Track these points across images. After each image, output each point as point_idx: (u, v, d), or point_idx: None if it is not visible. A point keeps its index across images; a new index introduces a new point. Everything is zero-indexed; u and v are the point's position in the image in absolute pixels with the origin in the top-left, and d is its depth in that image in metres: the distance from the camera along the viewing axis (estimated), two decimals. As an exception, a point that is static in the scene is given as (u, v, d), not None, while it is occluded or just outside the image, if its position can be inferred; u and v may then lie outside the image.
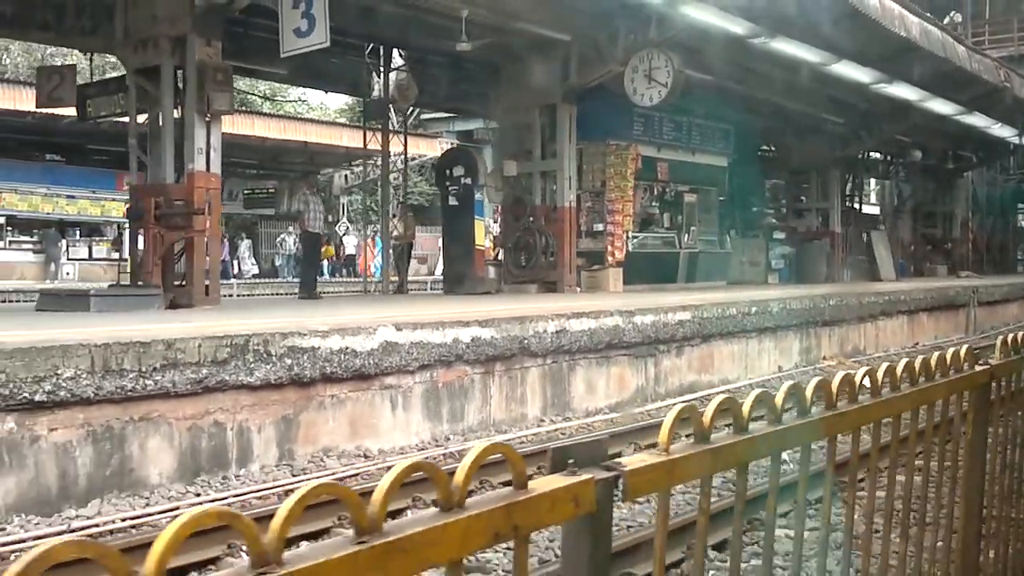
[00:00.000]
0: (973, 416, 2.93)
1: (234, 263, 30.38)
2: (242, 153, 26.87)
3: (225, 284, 16.71)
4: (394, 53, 16.12)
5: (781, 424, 1.84)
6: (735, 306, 12.05)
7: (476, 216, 16.47)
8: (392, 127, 17.16)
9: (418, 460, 1.17)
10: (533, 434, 8.41)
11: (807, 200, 24.08)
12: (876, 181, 33.00)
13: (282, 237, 32.57)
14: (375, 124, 17.40)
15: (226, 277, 21.38)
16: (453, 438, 8.13)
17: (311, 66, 13.98)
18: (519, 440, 8.09)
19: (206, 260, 10.55)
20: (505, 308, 9.88)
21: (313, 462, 7.00)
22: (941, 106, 20.55)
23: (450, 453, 7.52)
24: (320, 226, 15.15)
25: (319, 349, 7.01)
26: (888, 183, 31.19)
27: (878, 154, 27.52)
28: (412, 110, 18.48)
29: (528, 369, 9.00)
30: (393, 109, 16.65)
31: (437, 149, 28.19)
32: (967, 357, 2.75)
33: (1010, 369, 3.10)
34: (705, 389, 11.11)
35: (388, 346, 7.50)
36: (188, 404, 6.29)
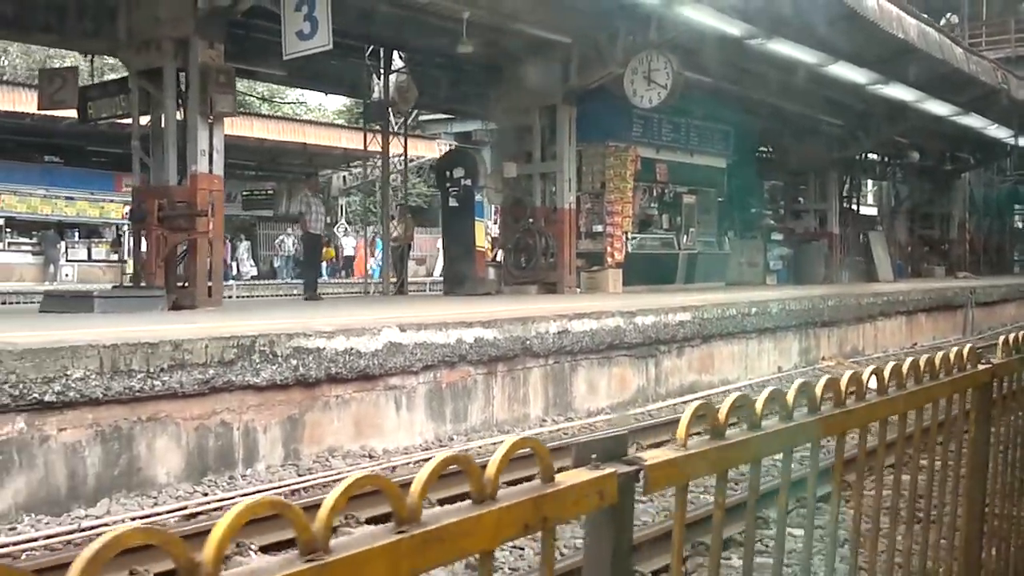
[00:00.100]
0: (975, 415, 2.98)
1: (233, 264, 30.41)
2: (240, 155, 26.89)
3: (224, 285, 16.73)
4: (394, 55, 16.16)
5: (792, 421, 1.90)
6: (735, 307, 12.12)
7: (476, 217, 16.52)
8: (392, 129, 17.20)
9: (454, 453, 1.23)
10: (536, 434, 8.46)
11: (805, 201, 24.15)
12: (873, 182, 33.08)
13: (281, 239, 32.59)
14: (375, 126, 17.44)
15: (225, 278, 21.38)
16: (456, 438, 8.19)
17: (311, 68, 14.02)
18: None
19: (208, 262, 10.58)
20: (506, 309, 9.94)
21: (318, 462, 7.05)
22: (938, 107, 20.63)
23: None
24: (321, 228, 15.19)
25: (324, 350, 7.07)
26: (885, 184, 31.27)
27: (875, 155, 27.60)
28: (411, 111, 18.52)
29: (530, 369, 9.06)
30: (393, 111, 16.69)
31: (436, 150, 28.24)
32: (970, 356, 2.81)
33: (1011, 368, 3.15)
34: (705, 389, 11.17)
35: (392, 347, 7.55)
36: (195, 404, 6.34)
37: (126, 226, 29.07)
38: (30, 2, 11.61)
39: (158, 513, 5.81)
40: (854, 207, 26.74)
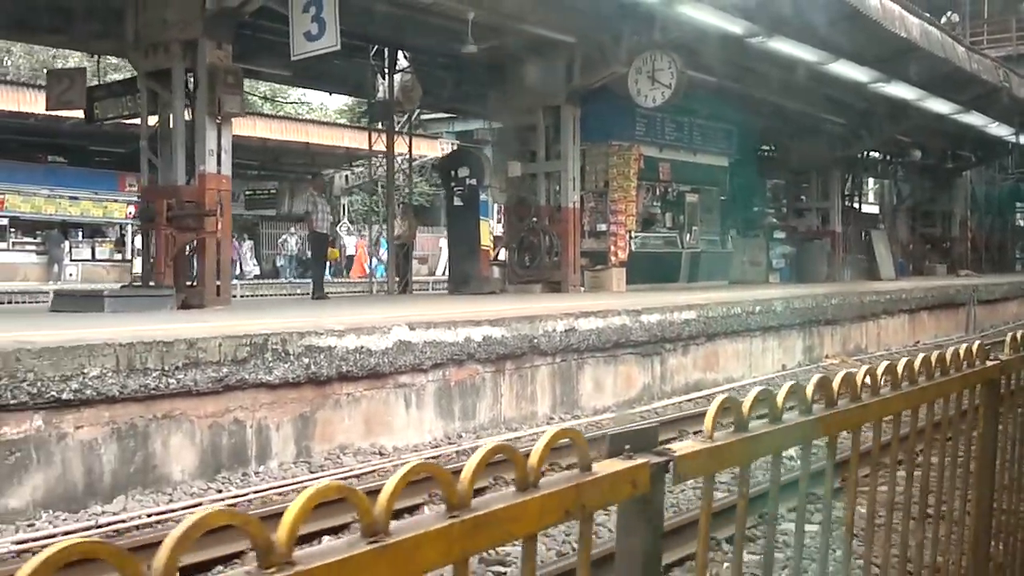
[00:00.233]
0: (984, 410, 3.05)
1: (236, 264, 30.46)
2: (243, 154, 26.88)
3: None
4: (398, 55, 16.20)
5: (811, 415, 1.97)
6: (739, 305, 12.18)
7: (481, 216, 16.59)
8: (395, 128, 17.25)
9: (500, 443, 1.30)
10: (542, 432, 8.53)
11: (807, 200, 24.19)
12: (875, 180, 33.13)
13: (284, 238, 32.64)
14: (379, 125, 17.46)
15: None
16: (465, 436, 8.26)
17: (316, 68, 14.06)
18: (531, 437, 8.21)
19: (217, 261, 10.64)
20: (513, 308, 10.00)
21: (330, 459, 7.12)
22: (940, 105, 20.66)
23: (463, 450, 7.64)
24: (328, 227, 15.26)
25: (335, 348, 7.14)
26: (887, 182, 31.32)
27: (877, 154, 27.64)
28: (415, 111, 18.56)
29: (538, 368, 9.13)
30: (396, 110, 16.74)
31: (437, 150, 28.27)
32: (978, 353, 2.88)
33: (1019, 365, 3.22)
34: (710, 387, 11.24)
35: (402, 345, 7.62)
36: (209, 402, 6.41)
37: (130, 226, 29.18)
38: (38, 4, 11.68)
39: (173, 510, 5.87)
40: (856, 205, 26.79)
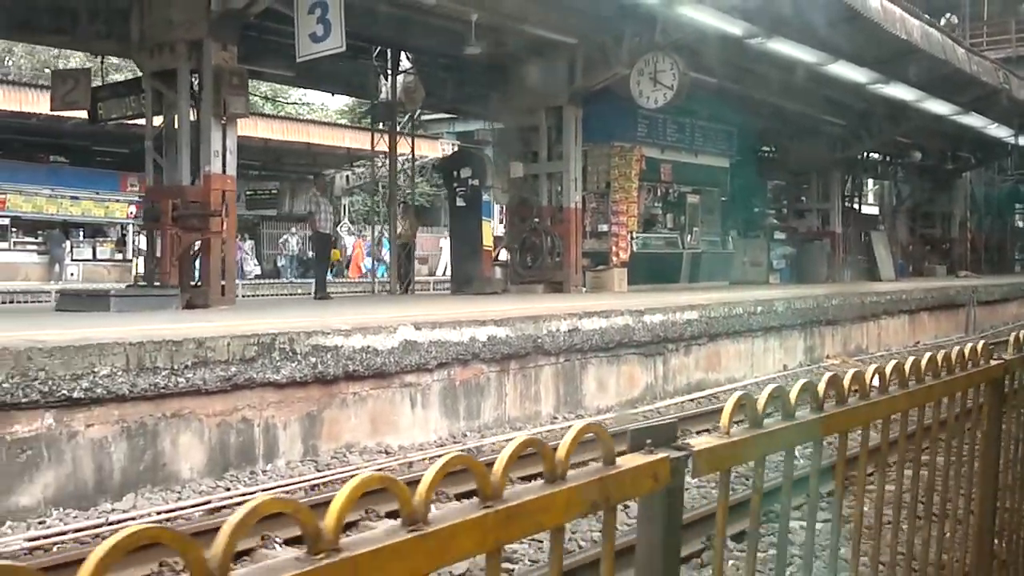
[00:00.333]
0: (987, 409, 3.11)
1: (238, 264, 30.48)
2: (244, 154, 26.78)
3: (232, 284, 16.85)
4: (401, 56, 16.26)
5: (822, 412, 2.03)
6: (741, 305, 12.24)
7: (483, 217, 16.64)
8: (398, 128, 17.31)
9: (530, 437, 1.35)
10: (548, 431, 8.58)
11: (808, 201, 24.26)
12: (875, 181, 33.20)
13: (285, 238, 32.69)
14: (381, 125, 17.51)
15: (232, 278, 21.45)
16: (470, 434, 8.31)
17: (319, 69, 14.10)
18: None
19: (222, 261, 10.69)
20: (517, 308, 10.05)
21: (336, 458, 7.17)
22: (939, 107, 20.71)
23: (468, 449, 7.69)
24: (331, 227, 15.30)
25: (342, 348, 7.19)
26: (887, 183, 31.40)
27: (877, 155, 27.70)
28: (417, 112, 18.61)
29: (542, 367, 9.18)
30: (399, 111, 16.80)
31: (438, 150, 28.33)
32: (983, 352, 2.94)
33: (1022, 365, 3.28)
34: (712, 387, 11.30)
35: (408, 345, 7.68)
36: (218, 401, 6.46)
37: (131, 226, 29.22)
38: (43, 5, 11.73)
39: (182, 507, 5.93)
40: (856, 206, 26.86)
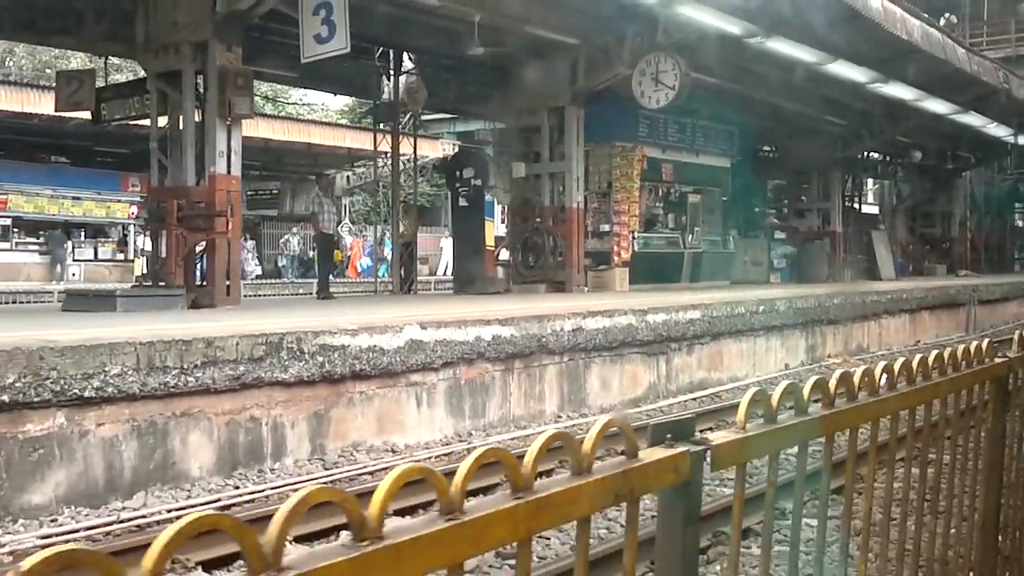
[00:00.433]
0: (992, 406, 3.17)
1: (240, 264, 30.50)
2: (245, 154, 26.74)
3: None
4: (404, 56, 16.30)
5: (833, 408, 2.09)
6: (743, 305, 12.30)
7: (486, 217, 16.70)
8: (400, 129, 17.36)
9: (558, 431, 1.41)
10: (557, 428, 8.63)
11: (808, 200, 24.31)
12: (875, 181, 33.26)
13: (286, 238, 32.73)
14: (383, 125, 17.55)
15: (233, 278, 21.48)
16: (475, 433, 8.37)
17: (322, 69, 14.14)
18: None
19: (227, 261, 10.74)
20: (520, 307, 10.10)
21: (343, 456, 7.23)
22: (938, 106, 20.76)
23: (473, 448, 7.74)
24: (334, 227, 15.35)
25: (349, 347, 7.24)
26: (887, 183, 31.46)
27: (877, 154, 27.76)
28: (419, 112, 18.65)
29: (546, 367, 9.24)
30: (401, 111, 16.84)
31: (439, 150, 28.38)
32: (988, 350, 3.00)
33: (1026, 362, 3.33)
34: (715, 386, 11.36)
35: (414, 344, 7.73)
36: (227, 400, 6.51)
37: (132, 226, 29.28)
38: (49, 6, 11.78)
39: (193, 505, 5.97)
40: (856, 206, 26.92)
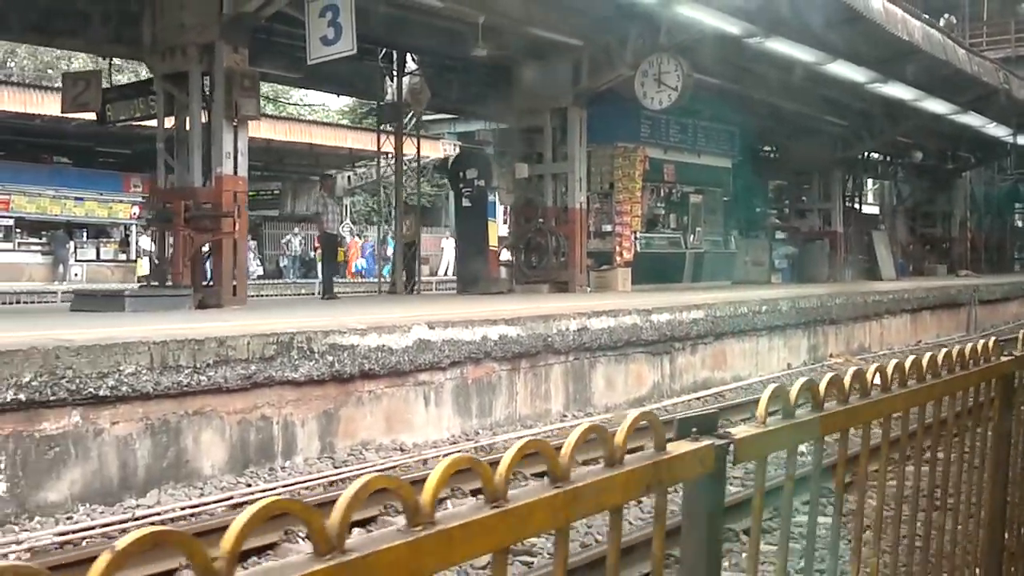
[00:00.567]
0: (998, 403, 3.24)
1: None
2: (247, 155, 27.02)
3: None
4: (407, 57, 16.37)
5: (847, 404, 2.17)
6: (746, 305, 12.36)
7: (489, 217, 16.76)
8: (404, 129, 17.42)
9: (593, 424, 1.48)
10: (558, 428, 8.71)
11: (809, 200, 24.38)
12: (875, 181, 33.33)
13: (288, 238, 32.79)
14: (386, 126, 17.60)
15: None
16: (482, 432, 8.44)
17: (325, 70, 14.16)
18: (545, 434, 8.38)
19: (233, 261, 10.80)
20: (525, 307, 10.16)
21: (353, 454, 7.30)
22: (938, 106, 20.81)
23: (481, 447, 7.82)
24: (338, 227, 15.41)
25: (358, 347, 7.31)
26: (887, 183, 31.53)
27: (878, 154, 27.83)
28: (421, 112, 18.71)
29: (552, 366, 9.31)
30: (404, 112, 16.91)
31: (440, 150, 28.45)
32: (994, 349, 3.07)
33: (1032, 360, 3.41)
34: (718, 385, 11.43)
35: (422, 344, 7.80)
36: (238, 399, 6.59)
37: (134, 226, 29.35)
38: (56, 8, 11.84)
39: (205, 503, 6.04)
40: (857, 206, 26.99)
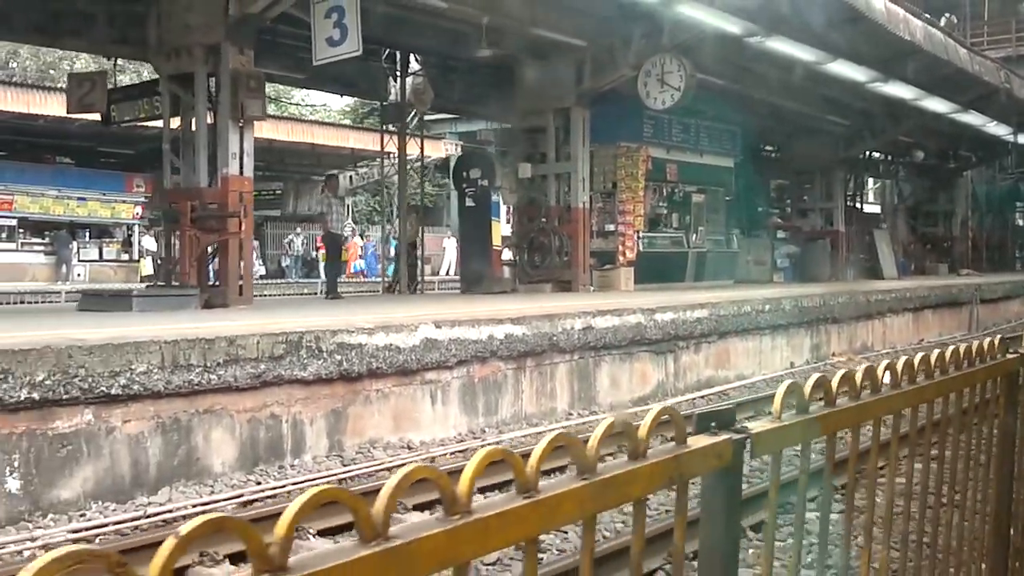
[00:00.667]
0: (1003, 400, 3.30)
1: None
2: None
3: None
4: (411, 58, 16.42)
5: (860, 400, 2.23)
6: (749, 304, 12.42)
7: (492, 217, 16.82)
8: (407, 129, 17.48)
9: (615, 418, 1.53)
10: (563, 427, 8.78)
11: (811, 200, 24.42)
12: (876, 180, 33.37)
13: (290, 238, 32.83)
14: (389, 126, 17.66)
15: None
16: (488, 430, 8.50)
17: (329, 71, 14.17)
18: (550, 432, 8.42)
19: (240, 261, 10.85)
20: (530, 306, 10.22)
21: (361, 453, 7.36)
22: (938, 105, 20.85)
23: (487, 445, 7.86)
24: (342, 227, 15.47)
25: (366, 346, 7.37)
26: (889, 182, 31.57)
27: (879, 154, 27.88)
28: (423, 112, 18.76)
29: (557, 365, 9.37)
30: (408, 112, 16.96)
31: (441, 150, 28.51)
32: (999, 347, 3.13)
33: (1036, 357, 3.46)
34: (722, 384, 11.49)
35: (429, 343, 7.86)
36: (248, 397, 6.64)
37: (136, 226, 29.42)
38: (61, 9, 11.90)
39: (216, 500, 6.10)
40: (858, 205, 27.04)
